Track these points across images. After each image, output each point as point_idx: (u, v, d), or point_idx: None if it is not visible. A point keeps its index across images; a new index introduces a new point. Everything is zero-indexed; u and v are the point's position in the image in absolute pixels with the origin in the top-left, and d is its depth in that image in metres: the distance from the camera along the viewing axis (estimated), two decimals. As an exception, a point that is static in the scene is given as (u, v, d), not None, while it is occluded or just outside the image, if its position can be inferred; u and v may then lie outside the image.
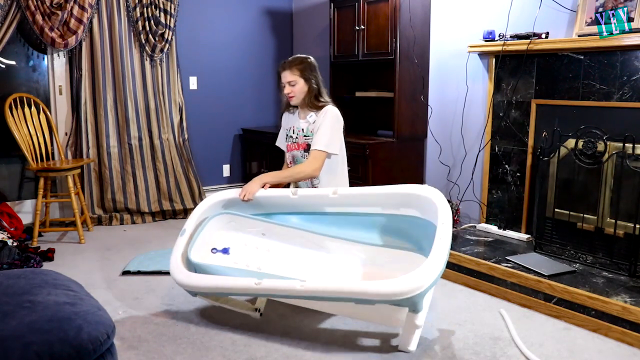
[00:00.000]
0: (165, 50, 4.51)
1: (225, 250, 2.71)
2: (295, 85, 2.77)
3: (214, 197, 2.77)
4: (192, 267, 2.46)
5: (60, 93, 4.32)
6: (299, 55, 2.87)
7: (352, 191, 2.49)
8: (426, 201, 2.32)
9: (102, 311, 1.76)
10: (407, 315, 2.16)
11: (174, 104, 4.63)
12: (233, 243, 2.73)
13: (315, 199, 2.55)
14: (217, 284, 2.32)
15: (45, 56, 4.25)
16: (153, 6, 4.37)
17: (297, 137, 2.87)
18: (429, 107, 4.11)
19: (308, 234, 2.65)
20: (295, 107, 2.90)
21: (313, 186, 2.83)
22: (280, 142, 3.03)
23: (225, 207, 2.76)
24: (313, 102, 2.80)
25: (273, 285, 2.21)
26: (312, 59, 2.85)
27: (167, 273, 3.26)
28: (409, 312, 2.13)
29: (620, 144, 2.83)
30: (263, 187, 2.69)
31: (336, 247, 2.64)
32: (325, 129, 2.71)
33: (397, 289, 1.96)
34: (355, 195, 2.41)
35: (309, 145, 2.80)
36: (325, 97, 2.84)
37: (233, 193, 2.75)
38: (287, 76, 2.78)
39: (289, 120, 2.95)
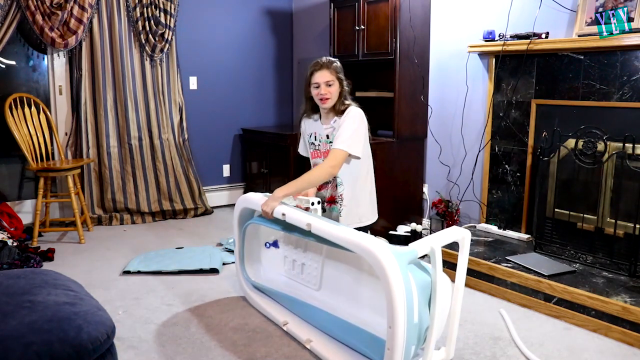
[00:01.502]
0: (165, 50, 4.51)
1: (275, 244, 2.87)
2: (332, 85, 2.60)
3: (241, 203, 2.77)
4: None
5: (60, 93, 4.32)
6: (328, 57, 2.70)
7: (323, 227, 2.26)
8: (383, 278, 1.88)
9: (102, 311, 1.76)
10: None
11: (174, 104, 4.63)
12: (280, 234, 2.85)
13: (297, 223, 2.44)
14: (259, 309, 2.77)
15: (45, 56, 4.25)
16: (153, 6, 4.37)
17: (319, 144, 2.72)
18: (429, 107, 4.11)
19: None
20: (317, 112, 2.74)
21: (332, 197, 2.71)
22: (302, 149, 2.88)
23: (252, 211, 2.82)
24: (339, 106, 2.64)
25: (292, 332, 2.50)
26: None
27: (167, 273, 3.28)
28: None
29: (620, 144, 2.83)
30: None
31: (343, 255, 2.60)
32: (347, 128, 2.55)
33: None
34: (324, 231, 2.25)
35: None
36: (349, 100, 2.69)
37: (253, 197, 2.71)
38: (326, 75, 2.59)
39: (309, 126, 2.78)
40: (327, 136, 2.68)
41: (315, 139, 2.75)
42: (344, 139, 2.53)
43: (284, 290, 2.70)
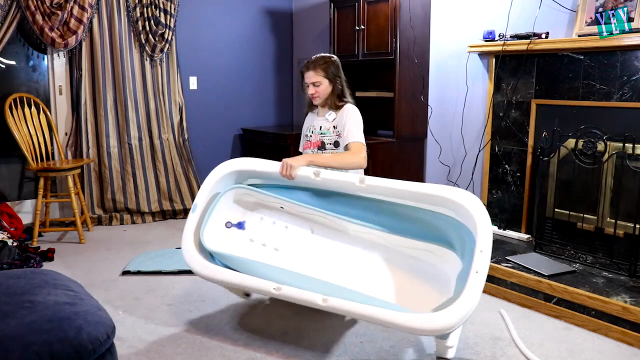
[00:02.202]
0: (165, 50, 4.51)
1: (240, 225, 2.61)
2: (319, 85, 2.73)
3: (226, 167, 2.54)
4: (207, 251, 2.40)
5: (60, 93, 4.32)
6: (323, 54, 2.82)
7: (381, 183, 2.29)
8: (465, 213, 2.10)
9: (102, 311, 1.75)
10: (435, 340, 2.19)
11: (174, 104, 4.63)
12: (249, 217, 2.61)
13: (340, 184, 2.38)
14: (234, 281, 2.25)
15: (45, 56, 4.25)
16: (153, 6, 4.37)
17: (311, 135, 2.83)
18: (429, 107, 4.11)
19: (327, 215, 2.50)
20: (316, 106, 2.87)
21: None
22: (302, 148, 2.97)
23: (239, 178, 2.57)
24: (335, 102, 2.77)
25: (292, 294, 2.13)
26: (335, 58, 2.81)
27: (167, 273, 3.28)
28: (437, 338, 2.15)
29: (620, 144, 2.83)
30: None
31: (357, 232, 2.53)
32: (354, 125, 2.69)
33: (427, 326, 1.90)
34: (383, 187, 2.24)
35: (323, 143, 2.77)
36: (348, 97, 2.81)
37: (246, 162, 2.56)
38: (311, 77, 2.73)
39: (308, 120, 2.92)
40: (320, 127, 2.80)
41: (309, 131, 2.85)
42: (356, 133, 2.67)
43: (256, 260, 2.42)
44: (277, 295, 2.17)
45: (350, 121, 2.70)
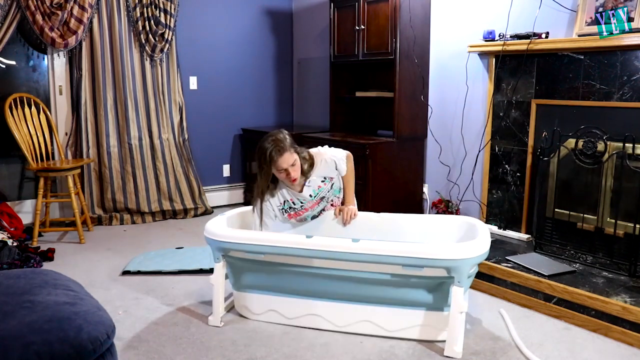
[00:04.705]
0: (165, 50, 4.51)
1: None
2: (295, 164, 2.53)
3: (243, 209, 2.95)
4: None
5: (60, 93, 4.32)
6: (278, 133, 2.53)
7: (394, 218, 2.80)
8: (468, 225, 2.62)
9: (102, 311, 1.75)
10: (453, 294, 2.24)
11: (174, 104, 4.63)
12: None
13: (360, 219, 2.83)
14: (264, 237, 2.48)
15: (45, 56, 4.25)
16: (153, 6, 4.37)
17: (302, 205, 2.72)
18: (429, 107, 4.11)
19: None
20: (276, 184, 2.66)
21: (327, 207, 2.88)
22: (272, 226, 2.68)
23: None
24: (306, 169, 2.62)
25: (322, 242, 2.34)
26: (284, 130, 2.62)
27: (167, 273, 3.28)
28: (455, 287, 2.24)
29: (620, 144, 2.83)
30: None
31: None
32: (332, 152, 2.73)
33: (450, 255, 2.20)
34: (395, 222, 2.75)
35: (322, 198, 2.78)
36: (304, 153, 2.65)
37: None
38: (289, 159, 2.48)
39: (279, 198, 2.69)
40: (310, 195, 2.73)
41: (294, 204, 2.73)
42: (338, 154, 2.75)
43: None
44: (306, 249, 2.34)
45: (331, 159, 2.69)
